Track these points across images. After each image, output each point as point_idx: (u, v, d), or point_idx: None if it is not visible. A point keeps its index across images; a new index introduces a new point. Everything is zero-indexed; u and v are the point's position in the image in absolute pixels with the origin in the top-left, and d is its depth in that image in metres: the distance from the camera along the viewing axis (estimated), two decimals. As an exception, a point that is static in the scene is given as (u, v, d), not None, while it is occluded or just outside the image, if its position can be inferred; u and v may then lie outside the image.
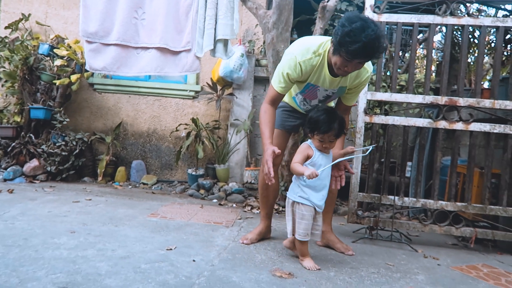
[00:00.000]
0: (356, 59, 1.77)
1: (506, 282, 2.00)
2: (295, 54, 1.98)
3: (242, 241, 2.31)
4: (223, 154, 4.18)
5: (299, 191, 1.99)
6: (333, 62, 1.88)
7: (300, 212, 1.97)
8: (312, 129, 1.96)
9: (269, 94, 2.11)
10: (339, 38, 1.74)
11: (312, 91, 2.14)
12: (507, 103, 2.55)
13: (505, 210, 2.55)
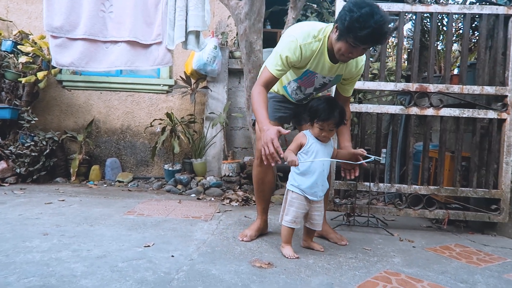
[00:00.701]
0: (364, 45, 1.75)
1: (477, 260, 2.07)
2: (296, 36, 1.90)
3: (241, 238, 2.22)
4: (200, 148, 4.14)
5: (291, 179, 2.02)
6: (336, 48, 1.83)
7: (290, 199, 2.00)
8: (312, 117, 1.97)
9: (263, 77, 1.95)
10: (347, 23, 1.69)
11: (310, 78, 2.06)
12: (475, 88, 2.63)
13: (475, 192, 2.64)
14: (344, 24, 1.70)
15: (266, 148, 1.73)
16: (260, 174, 2.27)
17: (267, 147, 1.72)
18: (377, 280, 1.70)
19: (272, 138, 1.72)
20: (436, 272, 1.85)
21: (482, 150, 2.72)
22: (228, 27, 4.60)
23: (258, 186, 2.31)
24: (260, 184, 2.30)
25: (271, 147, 1.71)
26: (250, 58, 3.31)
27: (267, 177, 2.28)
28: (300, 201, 1.98)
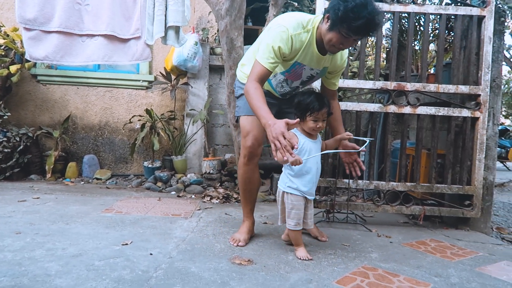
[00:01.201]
0: (357, 35, 1.74)
1: (451, 254, 2.14)
2: (287, 26, 1.84)
3: (235, 243, 2.09)
4: (180, 145, 4.09)
5: (287, 181, 1.96)
6: (327, 38, 1.80)
7: (290, 202, 1.95)
8: (303, 112, 1.92)
9: (256, 72, 1.85)
10: (341, 13, 1.67)
11: (297, 71, 2.01)
12: (450, 87, 2.70)
13: (450, 188, 2.72)
14: (338, 14, 1.68)
15: (277, 142, 1.61)
16: (247, 173, 2.17)
17: (278, 141, 1.61)
18: (355, 275, 1.73)
19: (282, 131, 1.62)
20: (412, 266, 1.90)
21: (456, 147, 2.80)
22: (209, 23, 4.56)
23: (245, 186, 2.21)
24: (248, 184, 2.20)
25: (282, 140, 1.60)
26: (231, 54, 3.28)
27: (254, 176, 2.20)
28: (300, 202, 1.95)
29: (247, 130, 2.08)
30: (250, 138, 2.06)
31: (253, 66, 1.90)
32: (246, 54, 2.23)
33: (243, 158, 2.15)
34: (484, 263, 2.02)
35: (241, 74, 2.19)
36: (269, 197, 3.53)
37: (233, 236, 2.18)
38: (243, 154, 2.14)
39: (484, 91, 2.67)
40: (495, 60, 2.74)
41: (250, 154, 2.10)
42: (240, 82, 2.19)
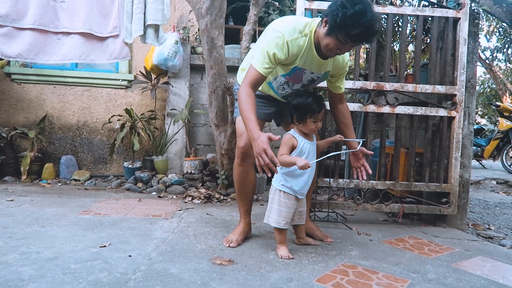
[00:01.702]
0: (354, 42, 1.73)
1: (429, 251, 2.18)
2: (282, 32, 1.81)
3: (227, 244, 2.07)
4: (161, 145, 4.04)
5: (281, 179, 1.96)
6: (324, 43, 1.79)
7: (282, 200, 1.95)
8: (304, 113, 1.92)
9: (250, 76, 1.84)
10: (339, 20, 1.65)
11: (297, 75, 2.00)
12: (427, 87, 2.75)
13: (428, 186, 2.77)
14: (336, 20, 1.66)
15: (260, 159, 1.67)
16: (242, 173, 2.15)
17: (261, 157, 1.67)
18: (335, 273, 1.74)
19: (264, 148, 1.66)
20: (391, 263, 1.93)
21: (434, 146, 2.86)
22: (190, 22, 4.52)
23: (240, 187, 2.18)
24: (242, 185, 2.18)
25: (265, 157, 1.66)
26: (211, 54, 3.27)
27: (249, 177, 2.17)
28: (291, 201, 1.96)
29: (241, 131, 2.07)
30: (244, 139, 2.06)
31: (248, 70, 1.89)
32: (245, 58, 2.23)
33: (237, 158, 2.14)
34: (460, 259, 2.07)
35: (241, 78, 2.14)
36: (251, 196, 3.52)
37: (227, 236, 2.16)
38: (237, 155, 2.13)
39: (459, 91, 2.73)
40: (470, 61, 2.82)
41: (243, 155, 2.09)
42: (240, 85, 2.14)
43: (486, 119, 13.62)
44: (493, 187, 5.21)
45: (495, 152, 6.57)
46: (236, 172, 2.18)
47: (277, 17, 4.31)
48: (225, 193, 3.51)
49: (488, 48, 10.64)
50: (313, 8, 2.74)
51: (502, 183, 5.31)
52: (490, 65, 10.68)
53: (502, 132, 6.46)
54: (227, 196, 3.48)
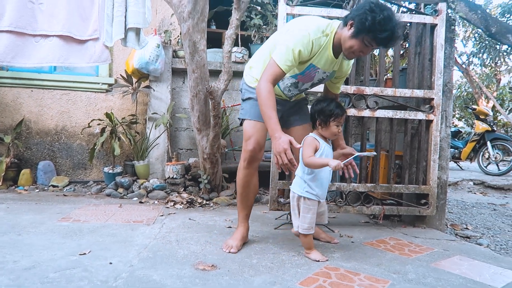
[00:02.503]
0: (379, 46, 1.82)
1: (409, 251, 2.22)
2: (308, 31, 1.87)
3: (227, 250, 2.05)
4: (142, 150, 3.99)
5: (305, 186, 1.98)
6: (348, 45, 1.85)
7: (306, 206, 1.97)
8: (328, 117, 1.99)
9: (272, 72, 1.85)
10: (368, 23, 1.73)
11: (311, 73, 2.03)
12: (406, 91, 2.81)
13: (407, 188, 2.83)
14: (365, 24, 1.74)
15: (279, 158, 1.76)
16: (247, 177, 2.13)
17: (280, 157, 1.76)
18: (317, 276, 1.75)
19: (285, 149, 1.74)
20: (372, 264, 1.95)
21: (413, 149, 2.92)
22: (171, 25, 4.50)
23: (243, 190, 2.17)
24: (246, 188, 2.16)
25: (284, 158, 1.75)
26: (193, 57, 3.26)
27: (253, 181, 2.16)
28: (315, 206, 1.99)
29: (250, 134, 2.08)
30: (252, 142, 2.06)
31: (268, 65, 1.89)
32: (254, 57, 2.21)
33: (243, 161, 2.12)
34: (439, 259, 2.11)
35: (250, 78, 2.15)
36: (234, 201, 3.51)
37: (226, 242, 2.14)
38: (244, 158, 2.12)
39: (437, 95, 2.81)
40: (447, 65, 2.89)
41: (250, 158, 2.09)
42: (248, 86, 2.15)
43: (463, 122, 14.01)
44: (470, 188, 5.35)
45: (472, 154, 6.75)
46: (240, 175, 2.15)
47: (259, 22, 4.34)
48: (207, 198, 3.49)
49: (465, 53, 10.96)
50: (295, 13, 2.77)
51: (479, 184, 5.46)
52: (466, 69, 11.00)
53: (478, 135, 6.64)
54: (209, 201, 3.47)
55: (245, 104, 2.16)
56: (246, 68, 2.22)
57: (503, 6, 8.04)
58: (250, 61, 2.22)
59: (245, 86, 2.18)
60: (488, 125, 6.55)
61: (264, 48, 2.13)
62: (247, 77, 2.19)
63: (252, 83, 2.12)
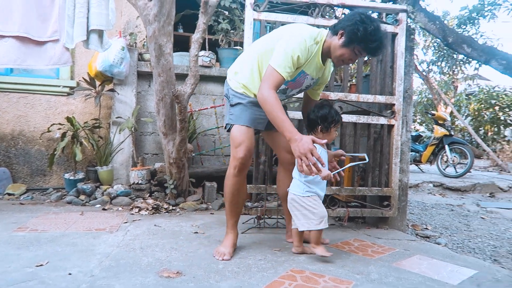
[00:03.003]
0: (368, 54, 1.94)
1: (372, 252, 2.28)
2: (304, 37, 1.93)
3: (220, 257, 2.02)
4: (106, 155, 3.87)
5: (305, 187, 2.08)
6: (338, 53, 1.94)
7: (311, 204, 2.06)
8: (330, 123, 2.11)
9: (273, 80, 1.88)
10: (361, 34, 1.83)
11: (301, 80, 2.08)
12: (369, 96, 2.90)
13: (371, 190, 2.91)
14: (357, 34, 1.84)
15: (304, 158, 1.74)
16: (237, 184, 2.10)
17: (306, 158, 1.74)
18: (283, 279, 1.76)
19: (310, 148, 1.75)
20: (337, 266, 1.99)
21: (375, 152, 3.02)
22: (137, 27, 4.41)
23: (233, 198, 2.14)
24: (235, 196, 2.13)
25: (311, 157, 1.74)
26: (159, 61, 3.21)
27: (243, 188, 2.17)
28: (318, 200, 2.09)
29: (240, 141, 2.04)
30: (243, 149, 2.03)
31: (267, 73, 1.91)
32: (238, 62, 2.20)
33: (233, 169, 2.08)
34: (400, 258, 2.19)
35: (236, 83, 2.13)
36: (201, 206, 3.48)
37: (218, 249, 2.10)
38: (233, 165, 2.07)
39: (398, 100, 2.91)
40: (407, 73, 3.02)
41: (241, 166, 2.05)
42: (235, 91, 2.12)
43: (424, 127, 14.61)
44: (430, 190, 5.59)
45: (432, 157, 7.06)
46: (229, 183, 2.11)
47: (227, 26, 4.35)
48: (174, 203, 3.44)
49: (425, 61, 11.45)
50: (262, 19, 2.79)
51: (438, 186, 5.71)
52: (426, 76, 11.50)
53: (437, 139, 6.96)
54: (176, 206, 3.41)
55: (234, 110, 2.11)
56: (230, 73, 2.20)
57: (460, 17, 8.49)
58: (234, 66, 2.21)
59: (231, 91, 2.14)
60: (446, 130, 6.88)
61: (250, 54, 2.13)
62: (231, 82, 2.16)
63: (238, 88, 2.11)
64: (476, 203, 4.79)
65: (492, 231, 3.40)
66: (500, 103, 11.51)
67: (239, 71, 2.14)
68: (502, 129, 11.84)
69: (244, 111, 2.07)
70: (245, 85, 2.08)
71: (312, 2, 2.83)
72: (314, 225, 2.05)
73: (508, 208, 4.53)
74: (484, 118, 11.78)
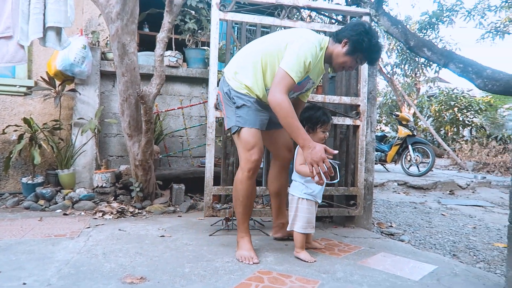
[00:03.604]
0: (369, 63, 2.10)
1: (338, 251, 2.31)
2: (314, 43, 2.00)
3: (251, 262, 1.99)
4: (67, 158, 3.70)
5: (304, 188, 2.13)
6: (341, 60, 2.05)
7: (305, 207, 2.12)
8: (315, 124, 2.17)
9: (286, 84, 1.92)
10: (366, 45, 1.96)
11: (304, 84, 2.16)
12: (335, 97, 2.95)
13: (337, 190, 2.96)
14: (362, 44, 1.96)
15: (316, 166, 1.83)
16: (251, 187, 2.12)
17: (318, 165, 1.83)
18: (250, 281, 1.75)
19: (323, 157, 1.83)
20: (304, 266, 2.00)
21: (342, 152, 3.06)
22: (100, 26, 4.26)
23: (247, 201, 2.14)
24: (249, 199, 2.14)
25: (322, 166, 1.82)
26: (123, 60, 3.11)
27: (254, 191, 2.19)
28: (312, 206, 2.15)
29: (252, 144, 2.06)
30: (256, 152, 2.06)
31: (279, 77, 1.94)
32: (236, 60, 2.18)
33: (247, 172, 2.08)
34: (365, 256, 2.23)
35: (237, 83, 2.11)
36: (168, 208, 3.40)
37: (241, 255, 2.06)
38: (248, 168, 2.07)
39: (362, 102, 2.98)
40: (371, 74, 3.09)
41: (256, 168, 2.09)
42: (238, 92, 2.10)
43: (389, 127, 15.10)
44: (395, 188, 5.77)
45: (396, 157, 7.30)
46: (243, 187, 2.11)
47: (194, 26, 4.29)
48: (140, 207, 3.34)
49: (389, 63, 11.85)
50: (228, 19, 2.78)
51: (402, 184, 5.91)
52: (391, 79, 11.90)
53: (401, 139, 7.20)
54: (142, 210, 3.31)
55: (240, 112, 2.09)
56: (229, 73, 2.17)
57: (421, 22, 8.85)
58: (232, 66, 2.18)
59: (234, 92, 2.12)
60: (410, 130, 7.13)
61: (252, 54, 2.12)
62: (232, 81, 2.13)
63: (241, 89, 2.10)
64: (437, 200, 4.99)
65: (452, 227, 3.55)
66: (458, 105, 12.10)
67: (239, 71, 2.12)
68: (461, 130, 12.45)
69: (251, 113, 2.09)
70: (248, 86, 2.08)
71: (278, 3, 2.85)
72: (302, 228, 2.10)
73: (466, 205, 4.75)
74: (444, 119, 12.34)
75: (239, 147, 2.12)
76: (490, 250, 2.91)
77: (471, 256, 2.77)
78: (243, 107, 2.09)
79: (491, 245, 3.02)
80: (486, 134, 11.16)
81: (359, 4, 3.22)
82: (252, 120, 2.08)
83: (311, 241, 2.35)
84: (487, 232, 3.41)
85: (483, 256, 2.75)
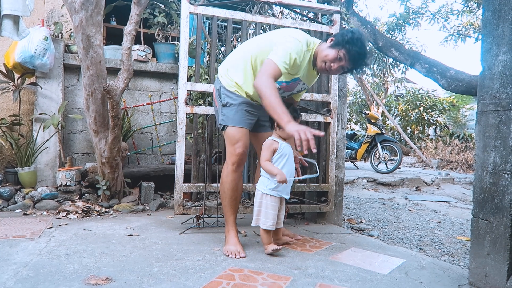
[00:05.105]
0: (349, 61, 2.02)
1: (310, 247, 2.32)
2: (301, 42, 2.03)
3: (237, 256, 2.03)
4: (28, 155, 3.51)
5: (269, 183, 2.10)
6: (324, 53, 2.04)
7: (269, 203, 2.09)
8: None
9: (272, 70, 1.93)
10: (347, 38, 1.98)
11: (294, 85, 2.19)
12: (306, 94, 2.95)
13: (309, 186, 2.97)
14: (345, 38, 1.99)
15: (303, 134, 1.75)
16: (236, 180, 2.18)
17: (304, 134, 1.75)
18: (221, 279, 1.71)
19: (309, 129, 1.78)
20: (276, 263, 1.98)
21: (313, 149, 3.08)
22: (63, 17, 4.06)
23: (232, 194, 2.19)
24: (234, 192, 2.19)
25: (309, 134, 1.75)
26: (88, 53, 2.98)
27: (240, 184, 2.23)
28: (276, 203, 2.12)
29: (237, 138, 2.13)
30: (241, 145, 2.13)
31: (265, 65, 1.97)
32: (229, 58, 2.23)
33: (231, 165, 2.16)
34: (336, 252, 2.24)
35: (228, 81, 2.17)
36: (137, 207, 3.29)
37: (228, 249, 2.09)
38: (232, 161, 2.16)
39: (333, 99, 3.00)
40: (341, 72, 3.12)
41: (240, 161, 2.16)
42: (228, 90, 2.16)
43: (359, 126, 15.45)
44: (364, 185, 5.89)
45: (366, 154, 7.46)
46: (228, 179, 2.18)
47: (163, 20, 4.18)
48: (107, 205, 3.22)
49: (358, 63, 12.09)
50: (198, 12, 2.71)
51: (371, 181, 6.04)
52: (360, 78, 12.16)
53: (370, 137, 7.37)
54: (109, 208, 3.19)
55: (226, 110, 2.16)
56: (222, 69, 2.23)
57: (389, 24, 9.07)
58: (225, 63, 2.24)
59: (223, 90, 2.18)
60: (378, 129, 7.30)
61: (243, 53, 2.17)
62: (223, 78, 2.19)
63: (231, 87, 2.15)
64: (405, 196, 5.14)
65: (418, 222, 3.66)
66: (424, 104, 12.56)
67: (230, 68, 2.18)
68: (426, 128, 12.92)
69: (236, 113, 2.13)
70: (238, 83, 2.13)
71: (250, -2, 2.81)
72: (265, 225, 2.10)
73: (432, 201, 4.92)
74: (410, 118, 12.77)
75: (226, 143, 2.21)
76: (454, 243, 3.02)
77: (436, 249, 2.86)
78: (229, 106, 2.15)
79: (454, 239, 3.14)
80: (449, 133, 11.65)
81: (330, 2, 3.24)
82: (236, 119, 2.14)
83: (281, 236, 2.34)
84: (451, 226, 3.54)
85: (448, 250, 2.85)
